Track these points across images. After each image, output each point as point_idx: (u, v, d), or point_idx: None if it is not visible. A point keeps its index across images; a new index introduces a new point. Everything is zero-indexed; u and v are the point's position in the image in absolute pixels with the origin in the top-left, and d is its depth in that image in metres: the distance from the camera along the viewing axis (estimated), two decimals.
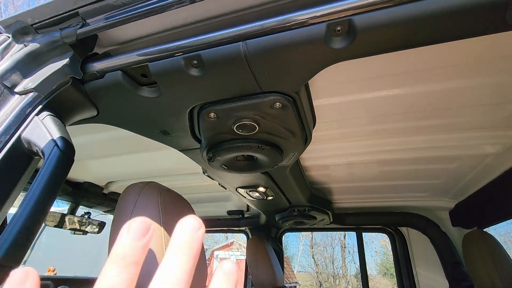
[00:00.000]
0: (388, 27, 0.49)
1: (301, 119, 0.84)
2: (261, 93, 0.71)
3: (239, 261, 14.09)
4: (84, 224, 2.20)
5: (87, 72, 0.68)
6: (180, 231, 0.26)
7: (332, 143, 1.37)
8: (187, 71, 0.63)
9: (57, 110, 0.65)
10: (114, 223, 0.81)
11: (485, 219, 1.84)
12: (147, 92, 0.72)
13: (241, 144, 0.90)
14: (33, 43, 0.64)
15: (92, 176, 1.93)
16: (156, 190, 0.85)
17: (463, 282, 1.90)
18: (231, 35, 0.57)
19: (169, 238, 0.79)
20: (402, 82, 0.93)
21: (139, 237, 0.25)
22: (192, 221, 0.27)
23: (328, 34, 0.53)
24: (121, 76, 0.67)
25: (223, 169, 1.08)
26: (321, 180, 1.86)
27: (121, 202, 0.83)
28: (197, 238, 0.26)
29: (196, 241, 0.26)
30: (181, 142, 0.99)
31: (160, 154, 1.58)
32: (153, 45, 0.63)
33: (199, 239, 0.27)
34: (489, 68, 0.85)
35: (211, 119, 0.80)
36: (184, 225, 0.27)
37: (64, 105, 0.68)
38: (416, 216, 2.19)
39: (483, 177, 1.62)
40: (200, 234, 0.27)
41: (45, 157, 0.54)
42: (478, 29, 0.49)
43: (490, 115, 1.07)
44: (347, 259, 16.04)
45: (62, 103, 0.67)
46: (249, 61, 0.59)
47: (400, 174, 1.70)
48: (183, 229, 0.26)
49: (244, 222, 2.60)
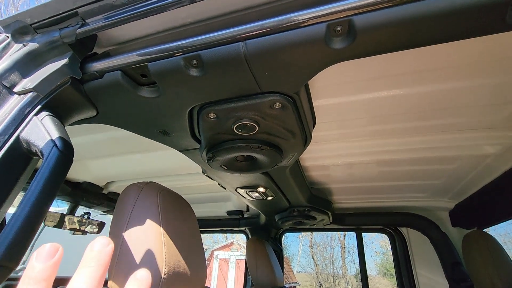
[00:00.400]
0: (388, 27, 0.49)
1: (301, 120, 0.84)
2: (261, 94, 0.71)
3: (239, 261, 14.10)
4: (84, 224, 2.20)
5: (87, 72, 0.68)
6: (90, 247, 0.33)
7: (332, 144, 1.37)
8: (186, 71, 0.63)
9: (56, 110, 0.65)
10: (114, 223, 0.81)
11: (485, 220, 1.84)
12: (146, 92, 0.72)
13: (240, 144, 0.90)
14: (32, 43, 0.64)
15: (91, 176, 1.93)
16: (156, 190, 0.85)
17: (463, 282, 1.90)
18: (231, 35, 0.57)
19: (169, 238, 0.79)
20: (402, 83, 0.93)
21: (47, 259, 0.31)
22: (101, 239, 0.34)
23: (328, 35, 0.53)
24: (121, 76, 0.67)
25: (223, 169, 1.08)
26: (321, 180, 1.86)
27: (121, 203, 0.83)
28: (105, 252, 0.33)
29: (104, 255, 0.33)
30: (181, 142, 0.99)
31: (159, 154, 1.58)
32: (153, 45, 0.63)
33: (107, 254, 0.33)
34: (489, 69, 0.85)
35: (211, 119, 0.80)
36: (94, 242, 0.34)
37: (63, 105, 0.68)
38: (416, 217, 2.19)
39: (483, 177, 1.61)
40: (109, 249, 0.34)
41: (44, 157, 0.54)
42: (478, 30, 0.49)
43: (490, 116, 1.07)
44: (346, 259, 16.03)
45: (61, 103, 0.66)
46: (249, 62, 0.59)
47: (400, 175, 1.70)
48: (93, 245, 0.33)
49: (244, 222, 2.59)
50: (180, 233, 0.82)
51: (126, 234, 0.75)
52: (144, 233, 0.75)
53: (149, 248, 0.73)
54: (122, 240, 0.74)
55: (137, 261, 0.71)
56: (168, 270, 0.72)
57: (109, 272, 0.73)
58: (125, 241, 0.74)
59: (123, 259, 0.72)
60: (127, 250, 0.73)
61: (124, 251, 0.73)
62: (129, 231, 0.75)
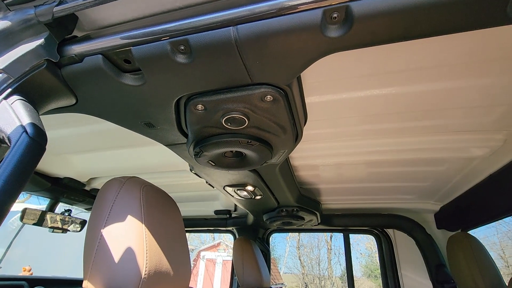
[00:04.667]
0: (386, 15, 0.47)
1: (292, 114, 0.82)
2: (252, 85, 0.68)
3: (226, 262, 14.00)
4: (66, 223, 2.11)
5: (64, 55, 0.63)
6: None
7: (322, 143, 1.35)
8: (173, 57, 0.59)
9: (30, 95, 0.60)
10: (91, 219, 0.76)
11: (469, 222, 1.88)
12: (130, 80, 0.68)
13: (229, 139, 0.86)
14: (3, 21, 0.59)
15: (73, 172, 1.85)
16: (139, 185, 0.81)
17: (446, 284, 1.93)
18: (221, 19, 0.53)
19: (151, 236, 0.74)
20: (394, 81, 0.92)
21: None
22: None
23: (323, 22, 0.50)
24: (102, 61, 0.62)
25: (211, 165, 1.04)
26: (310, 180, 1.85)
27: (100, 198, 0.78)
28: None
29: None
30: (167, 136, 0.94)
31: (145, 150, 1.53)
32: (137, 28, 0.59)
33: None
34: (478, 69, 0.85)
35: (199, 111, 0.76)
36: None
37: (38, 90, 0.63)
38: (403, 218, 2.21)
39: (469, 180, 1.64)
40: None
41: (12, 144, 0.49)
42: (477, 22, 0.48)
43: (479, 118, 1.08)
44: (333, 261, 16.19)
45: (35, 88, 0.61)
46: (240, 48, 0.56)
47: (389, 176, 1.71)
48: None
49: (232, 222, 2.56)
50: (164, 231, 0.78)
51: (104, 231, 0.71)
52: (125, 230, 0.70)
53: (129, 246, 0.69)
54: (100, 238, 0.70)
55: (116, 260, 0.67)
56: (149, 269, 0.68)
57: (85, 272, 0.69)
58: (104, 239, 0.70)
59: (100, 258, 0.67)
60: (105, 248, 0.68)
61: (102, 250, 0.68)
62: (108, 228, 0.71)
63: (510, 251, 11.45)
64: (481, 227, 1.90)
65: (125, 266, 0.66)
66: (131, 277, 0.65)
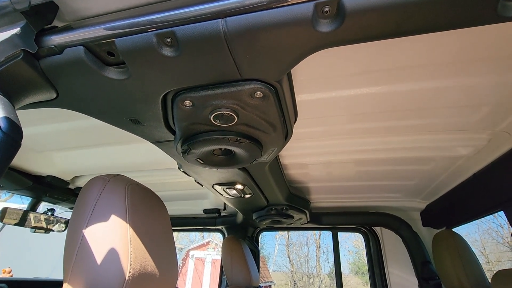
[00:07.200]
0: (378, 10, 0.46)
1: (282, 112, 0.81)
2: (241, 80, 0.66)
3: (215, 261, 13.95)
4: (49, 222, 2.04)
5: (43, 46, 0.60)
6: None
7: (312, 141, 1.35)
8: (159, 50, 0.57)
9: (4, 88, 0.56)
10: (73, 218, 0.72)
11: (453, 220, 1.92)
12: (114, 73, 0.64)
13: (218, 136, 0.84)
14: None
15: (56, 170, 1.78)
16: (124, 184, 0.78)
17: (431, 280, 1.98)
18: (209, 11, 0.51)
19: (136, 236, 0.72)
20: (383, 80, 0.92)
21: None
22: None
23: (315, 15, 0.49)
24: (83, 53, 0.59)
25: (199, 163, 1.02)
26: (299, 179, 1.85)
27: (82, 197, 0.75)
28: None
29: None
30: (154, 133, 0.91)
31: (132, 148, 1.48)
32: (122, 19, 0.56)
33: None
34: (464, 69, 0.86)
35: (187, 107, 0.74)
36: None
37: (14, 82, 0.59)
38: (390, 216, 2.25)
39: (454, 179, 1.67)
40: None
41: None
42: (468, 20, 0.48)
43: (465, 117, 1.10)
44: (321, 259, 16.39)
45: (10, 80, 0.58)
46: (229, 42, 0.54)
47: (376, 175, 1.73)
48: None
49: (221, 221, 2.54)
50: (150, 231, 0.76)
51: (86, 231, 0.68)
52: (108, 231, 0.68)
53: (112, 247, 0.66)
54: (81, 238, 0.67)
55: (98, 262, 0.64)
56: (133, 270, 0.65)
57: (65, 274, 0.66)
58: (85, 239, 0.67)
59: (81, 259, 0.64)
60: (86, 249, 0.65)
61: (83, 250, 0.65)
62: (90, 228, 0.68)
63: (491, 247, 11.90)
64: (463, 225, 1.95)
65: (107, 267, 0.63)
66: (114, 279, 0.62)
